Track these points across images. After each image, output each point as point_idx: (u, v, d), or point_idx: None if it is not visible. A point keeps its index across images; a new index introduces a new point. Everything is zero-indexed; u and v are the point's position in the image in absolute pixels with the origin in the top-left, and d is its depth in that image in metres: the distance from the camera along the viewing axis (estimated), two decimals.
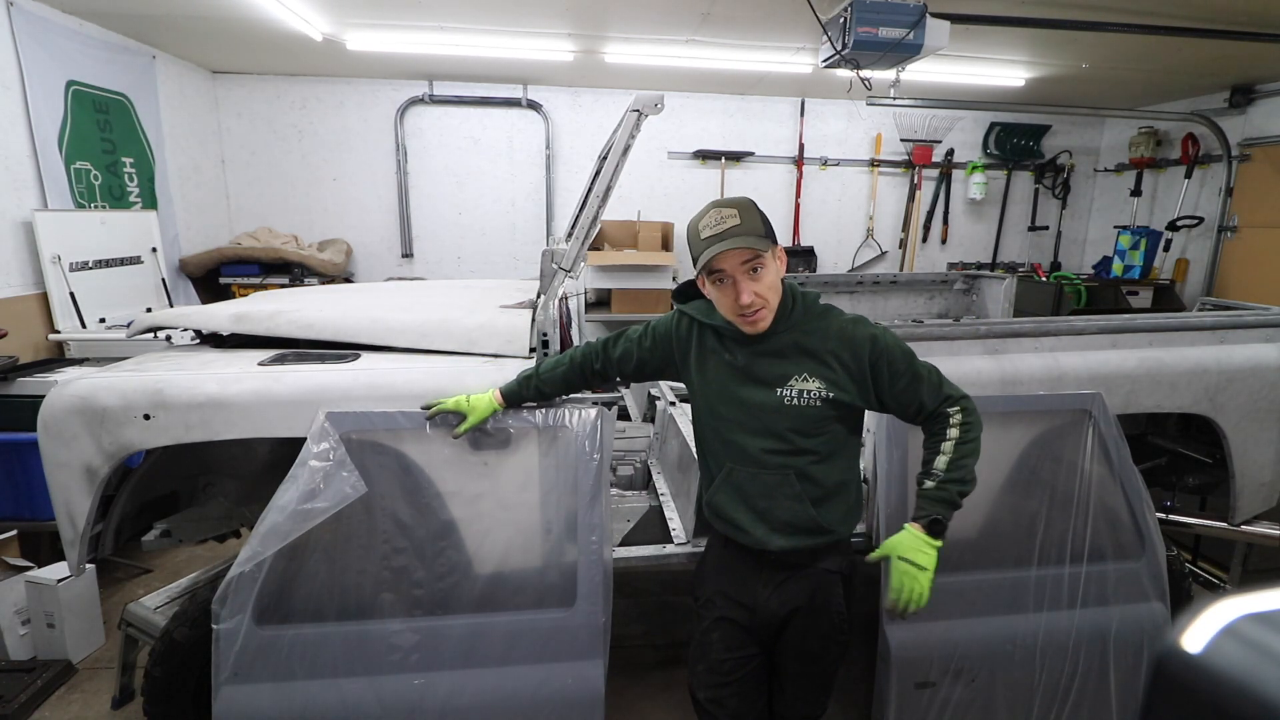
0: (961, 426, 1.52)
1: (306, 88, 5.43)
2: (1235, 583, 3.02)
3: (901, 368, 1.54)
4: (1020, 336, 2.28)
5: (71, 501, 1.84)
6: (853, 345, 1.53)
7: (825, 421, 1.54)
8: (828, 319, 1.57)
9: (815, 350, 1.54)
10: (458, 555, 1.74)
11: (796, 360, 1.54)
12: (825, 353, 1.53)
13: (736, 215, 1.45)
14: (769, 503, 1.56)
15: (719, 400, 1.59)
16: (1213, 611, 0.39)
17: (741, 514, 1.58)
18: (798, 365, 1.54)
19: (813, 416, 1.53)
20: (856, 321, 1.57)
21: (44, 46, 3.58)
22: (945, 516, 1.48)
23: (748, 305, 1.46)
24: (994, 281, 3.85)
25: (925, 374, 1.55)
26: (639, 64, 4.78)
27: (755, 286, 1.46)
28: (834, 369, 1.53)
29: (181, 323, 2.32)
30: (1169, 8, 3.48)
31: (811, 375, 1.53)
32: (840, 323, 1.57)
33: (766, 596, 1.60)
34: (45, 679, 2.48)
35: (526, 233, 5.92)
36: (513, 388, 1.77)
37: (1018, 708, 1.87)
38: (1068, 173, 6.34)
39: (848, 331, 1.54)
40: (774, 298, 1.50)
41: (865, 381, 1.53)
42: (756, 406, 1.55)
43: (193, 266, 4.70)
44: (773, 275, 1.49)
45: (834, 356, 1.53)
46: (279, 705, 1.60)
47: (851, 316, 1.59)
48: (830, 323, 1.57)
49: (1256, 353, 2.39)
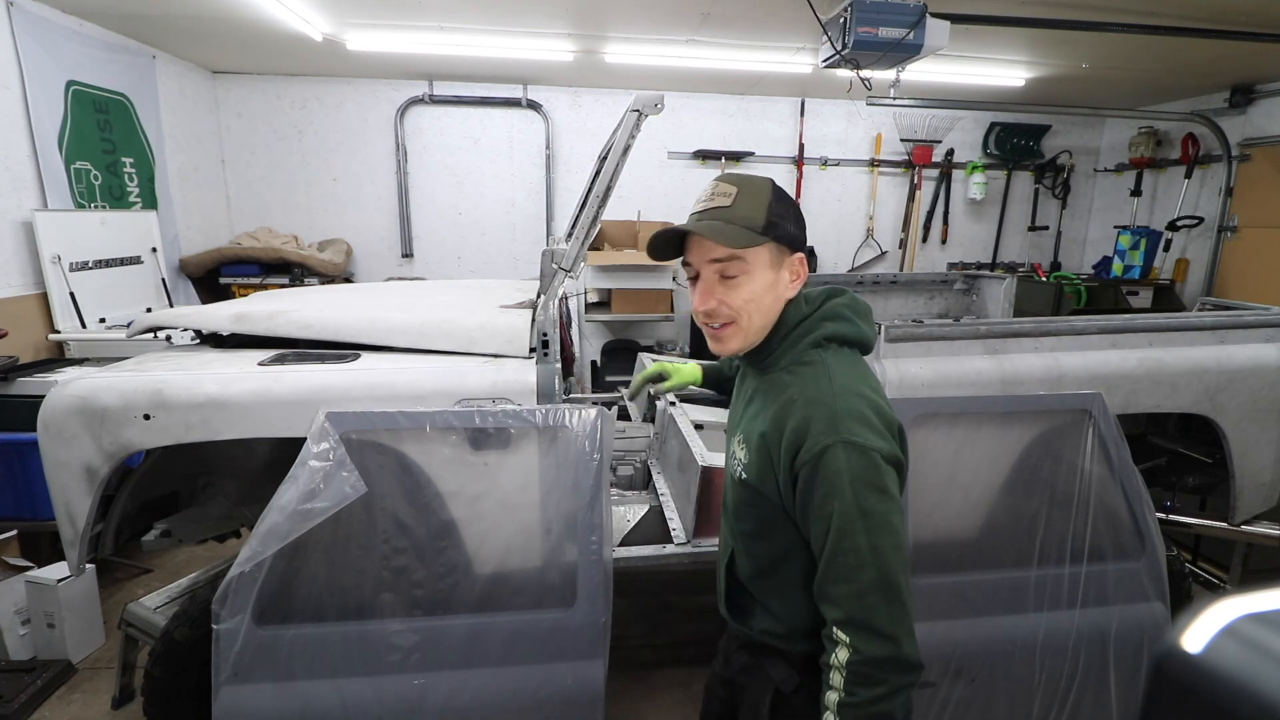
0: (848, 676, 0.96)
1: (306, 88, 5.43)
2: (1235, 583, 3.02)
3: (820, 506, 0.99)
4: (1020, 336, 2.28)
5: (71, 501, 1.84)
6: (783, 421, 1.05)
7: (749, 508, 1.14)
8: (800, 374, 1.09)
9: (764, 408, 1.11)
10: (458, 555, 1.74)
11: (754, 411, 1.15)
12: (765, 417, 1.09)
13: (732, 195, 1.08)
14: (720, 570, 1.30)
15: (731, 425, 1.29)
16: (1213, 611, 0.39)
17: None
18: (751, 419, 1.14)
19: (739, 493, 1.16)
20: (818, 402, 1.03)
21: (44, 46, 3.58)
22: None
23: (707, 313, 1.11)
24: (994, 281, 3.85)
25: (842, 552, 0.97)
26: (639, 64, 4.78)
27: (722, 292, 1.09)
28: (761, 444, 1.09)
29: (181, 323, 2.32)
30: (1169, 8, 3.48)
31: (745, 440, 1.14)
32: (801, 387, 1.07)
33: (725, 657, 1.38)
34: (45, 679, 2.48)
35: (526, 233, 5.92)
36: (716, 365, 1.78)
37: (1018, 708, 1.87)
38: (1068, 173, 6.34)
39: (793, 405, 1.05)
40: (754, 317, 1.10)
41: (786, 485, 1.04)
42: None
43: (193, 266, 4.70)
44: (757, 286, 1.08)
45: (770, 426, 1.07)
46: (279, 705, 1.60)
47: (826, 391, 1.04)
48: (796, 380, 1.09)
49: (1256, 353, 2.39)
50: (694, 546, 2.16)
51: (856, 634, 0.97)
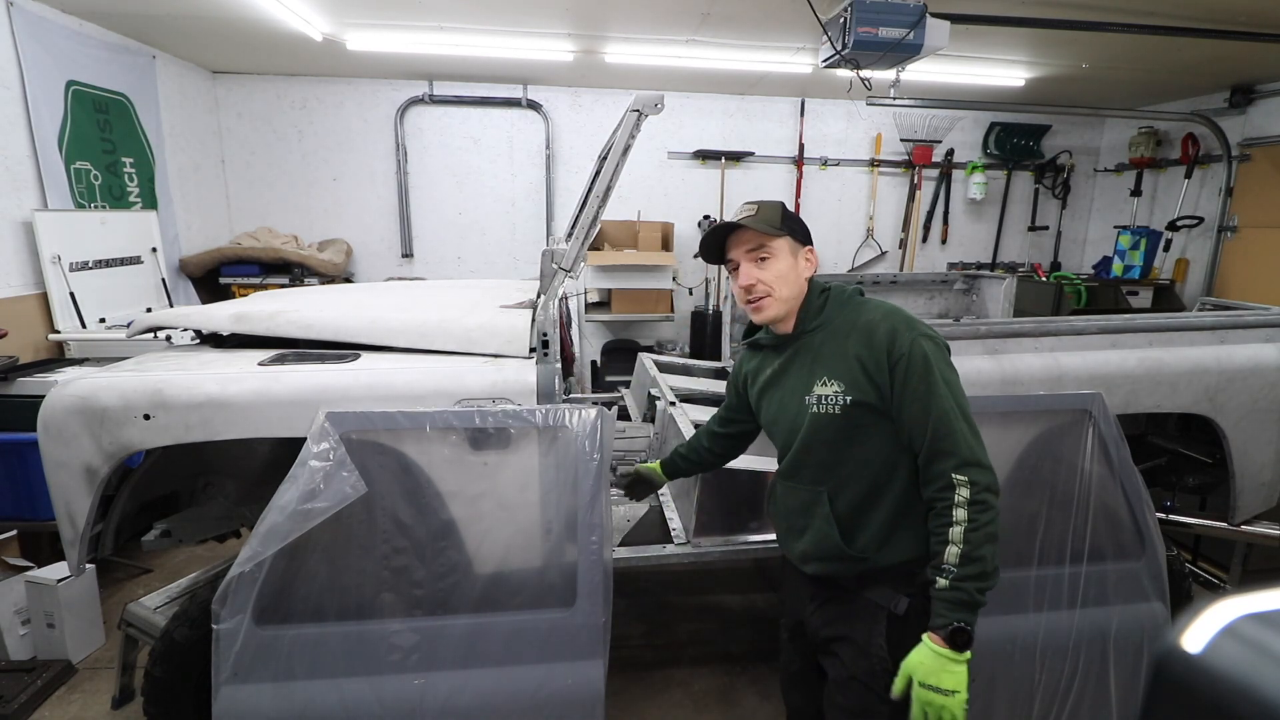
0: (970, 506, 1.26)
1: (306, 88, 5.43)
2: (1235, 583, 3.02)
3: (916, 387, 1.32)
4: (1020, 336, 2.28)
5: (71, 501, 1.84)
6: (871, 339, 1.37)
7: (854, 430, 1.38)
8: (857, 311, 1.44)
9: (838, 348, 1.41)
10: (458, 555, 1.74)
11: (824, 362, 1.42)
12: (846, 349, 1.39)
13: (755, 209, 1.45)
14: (803, 521, 1.48)
15: (767, 414, 1.56)
16: (1213, 611, 0.39)
17: (783, 531, 1.57)
18: (823, 367, 1.41)
19: (839, 425, 1.38)
20: (889, 314, 1.40)
21: (44, 46, 3.58)
22: (969, 622, 1.23)
23: (747, 287, 1.44)
24: (994, 281, 3.85)
25: (944, 413, 1.30)
26: (639, 64, 4.78)
27: (757, 272, 1.44)
28: (853, 367, 1.37)
29: (181, 323, 2.32)
30: (1169, 8, 3.48)
31: (832, 377, 1.39)
32: (868, 314, 1.42)
33: (810, 613, 1.55)
34: (45, 679, 2.48)
35: (526, 233, 5.92)
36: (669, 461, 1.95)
37: (1018, 708, 1.87)
38: (1068, 173, 6.34)
39: (872, 324, 1.38)
40: (783, 288, 1.44)
41: (885, 384, 1.35)
42: (790, 418, 1.47)
43: (193, 266, 4.70)
44: (782, 266, 1.44)
45: (854, 352, 1.38)
46: (279, 705, 1.60)
47: (886, 308, 1.42)
48: (858, 315, 1.43)
49: (1256, 353, 2.39)
50: (694, 546, 2.16)
51: (971, 470, 1.27)
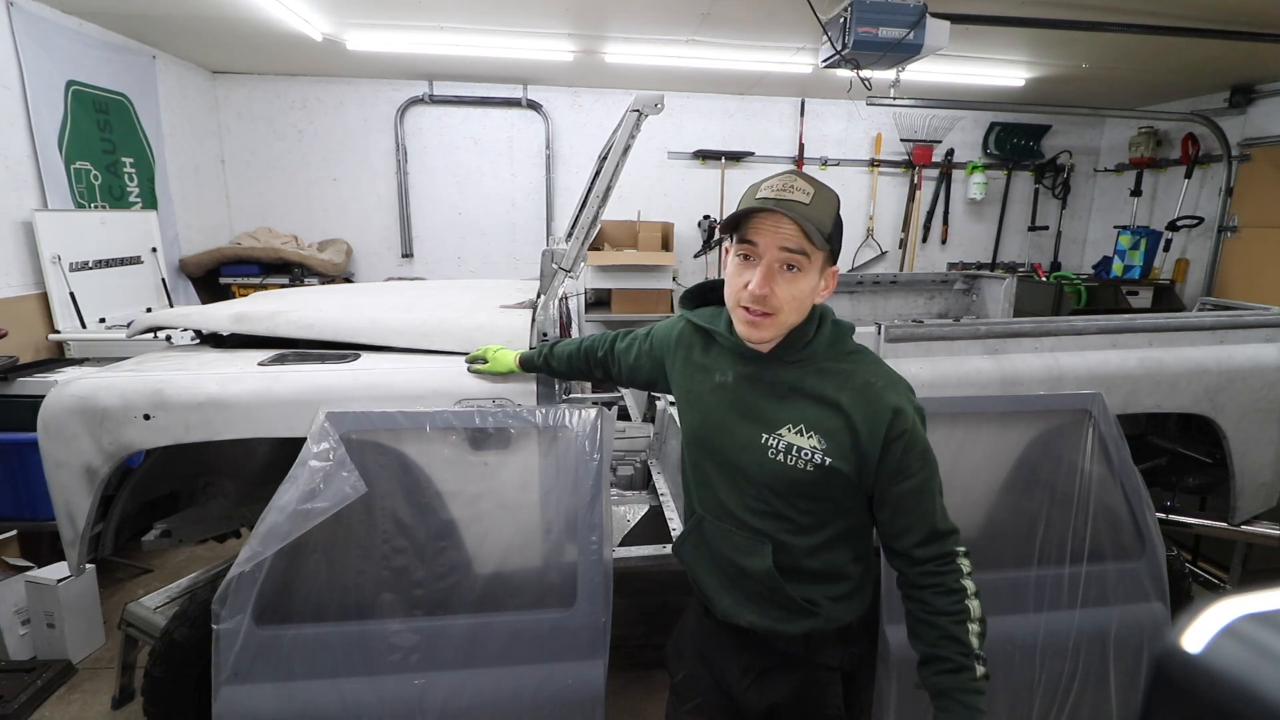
0: (971, 578, 1.20)
1: (306, 88, 5.43)
2: (1235, 583, 3.02)
3: (915, 468, 1.18)
4: (1020, 336, 2.27)
5: (71, 501, 1.84)
6: (871, 406, 1.16)
7: (815, 489, 1.20)
8: (854, 363, 1.22)
9: (824, 397, 1.19)
10: (458, 555, 1.74)
11: (796, 404, 1.20)
12: (836, 405, 1.18)
13: (810, 195, 1.11)
14: (738, 568, 1.27)
15: (701, 427, 1.29)
16: (1213, 611, 0.39)
17: (707, 577, 1.34)
18: (796, 411, 1.20)
19: (800, 480, 1.19)
20: (891, 382, 1.20)
21: (44, 46, 3.58)
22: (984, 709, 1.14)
23: (755, 296, 1.13)
24: (994, 281, 3.85)
25: (936, 494, 1.21)
26: (639, 64, 4.78)
27: (780, 284, 1.13)
28: (841, 429, 1.17)
29: (181, 323, 2.32)
30: (1169, 8, 3.48)
31: (812, 430, 1.18)
32: (866, 374, 1.20)
33: (745, 687, 1.33)
34: (45, 679, 2.48)
35: (526, 233, 5.92)
36: (529, 355, 1.87)
37: (1018, 708, 1.87)
38: (1068, 173, 6.34)
39: (872, 389, 1.18)
40: (792, 314, 1.16)
41: (873, 456, 1.17)
42: (737, 447, 1.23)
43: (193, 266, 4.70)
44: (806, 286, 1.15)
45: (845, 413, 1.17)
46: (279, 705, 1.60)
47: (886, 373, 1.22)
48: (854, 368, 1.21)
49: (1256, 353, 2.38)
50: None
51: (958, 541, 1.22)
